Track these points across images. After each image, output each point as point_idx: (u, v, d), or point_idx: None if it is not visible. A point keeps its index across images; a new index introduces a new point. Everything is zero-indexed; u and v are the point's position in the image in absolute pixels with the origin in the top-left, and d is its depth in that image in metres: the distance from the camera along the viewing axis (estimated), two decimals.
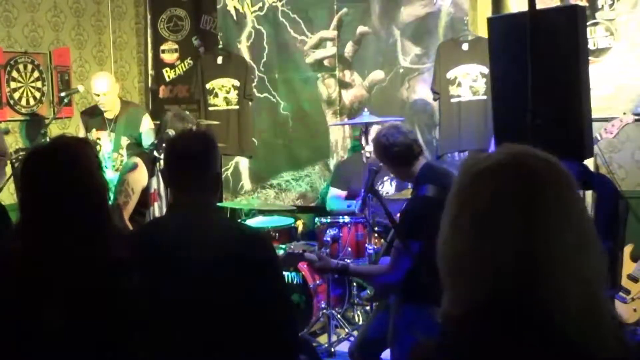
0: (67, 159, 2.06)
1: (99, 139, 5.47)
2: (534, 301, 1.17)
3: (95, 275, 1.93)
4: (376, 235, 4.79)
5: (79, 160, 2.08)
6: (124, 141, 5.44)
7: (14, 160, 5.37)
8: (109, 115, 5.50)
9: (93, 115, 5.59)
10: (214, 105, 6.43)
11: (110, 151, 5.38)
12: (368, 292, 5.14)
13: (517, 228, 1.19)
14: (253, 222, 5.54)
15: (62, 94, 5.81)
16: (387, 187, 5.51)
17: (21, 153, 5.32)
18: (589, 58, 4.04)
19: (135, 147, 5.38)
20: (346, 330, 4.98)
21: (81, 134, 5.60)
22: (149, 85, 7.11)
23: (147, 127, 5.51)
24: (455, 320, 1.23)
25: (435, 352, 1.23)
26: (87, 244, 1.96)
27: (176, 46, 6.99)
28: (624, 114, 4.81)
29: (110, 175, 4.99)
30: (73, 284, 1.91)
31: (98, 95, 5.42)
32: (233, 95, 6.43)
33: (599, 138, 4.67)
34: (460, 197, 1.26)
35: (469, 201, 1.24)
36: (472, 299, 1.21)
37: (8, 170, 5.47)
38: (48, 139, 5.08)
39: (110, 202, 2.25)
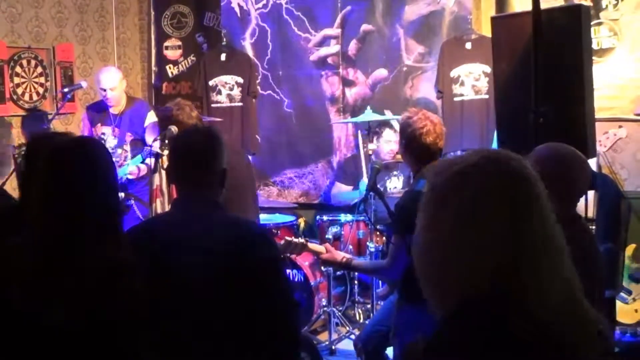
0: (94, 156, 2.05)
1: (103, 133, 5.46)
2: (518, 298, 1.18)
3: (105, 275, 1.93)
4: (378, 233, 4.80)
5: (104, 158, 2.08)
6: (128, 137, 5.44)
7: (16, 155, 5.37)
8: (114, 110, 5.48)
9: (99, 110, 5.58)
10: (217, 102, 6.43)
11: (114, 146, 5.38)
12: (384, 288, 5.14)
13: (499, 226, 1.20)
14: None
15: (65, 90, 5.81)
16: (395, 182, 5.52)
17: (23, 148, 5.32)
18: (593, 58, 4.03)
19: (139, 143, 5.38)
20: (347, 328, 4.98)
21: (86, 128, 5.60)
22: (152, 81, 7.12)
23: (151, 123, 5.49)
24: (441, 322, 1.24)
25: (423, 353, 1.24)
26: (100, 243, 1.95)
27: (179, 43, 6.99)
28: (620, 127, 4.86)
29: None
30: (82, 283, 1.90)
31: (105, 91, 5.39)
32: (236, 92, 6.42)
33: None
34: (436, 201, 1.27)
35: (446, 204, 1.24)
36: (457, 299, 1.22)
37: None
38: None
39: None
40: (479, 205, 1.21)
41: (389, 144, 5.48)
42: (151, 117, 5.53)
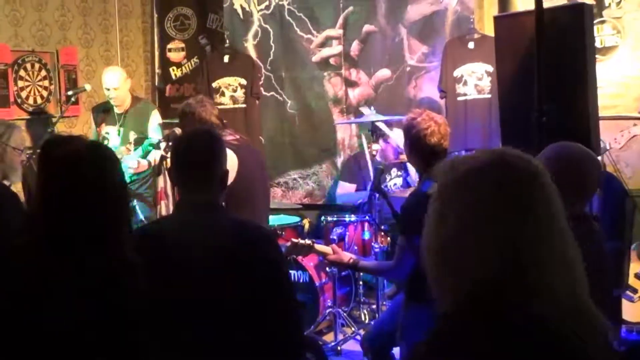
0: (100, 158, 2.05)
1: (107, 133, 5.48)
2: (518, 296, 1.18)
3: (109, 276, 1.93)
4: (382, 233, 4.80)
5: (110, 160, 2.09)
6: (132, 135, 5.45)
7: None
8: (119, 110, 5.50)
9: (104, 111, 5.61)
10: (221, 103, 6.42)
11: (118, 145, 5.38)
12: (390, 288, 5.15)
13: (503, 221, 1.21)
14: None
15: (69, 93, 5.82)
16: (396, 180, 5.52)
17: (28, 152, 5.34)
18: (596, 56, 4.03)
19: (143, 142, 5.39)
20: (352, 328, 4.98)
21: (91, 129, 5.62)
22: (156, 83, 7.13)
23: (155, 123, 5.52)
24: (443, 317, 1.24)
25: (427, 351, 1.24)
26: (106, 244, 1.96)
27: (183, 45, 7.00)
28: (635, 125, 4.86)
29: None
30: (87, 284, 1.91)
31: (109, 90, 5.41)
32: (240, 94, 6.43)
33: (607, 147, 4.74)
34: (447, 192, 1.28)
35: (456, 195, 1.26)
36: (458, 290, 1.23)
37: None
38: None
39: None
40: (485, 204, 1.22)
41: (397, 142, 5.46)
42: (156, 118, 5.55)
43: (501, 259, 1.19)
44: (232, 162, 3.66)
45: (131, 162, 5.19)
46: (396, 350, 3.65)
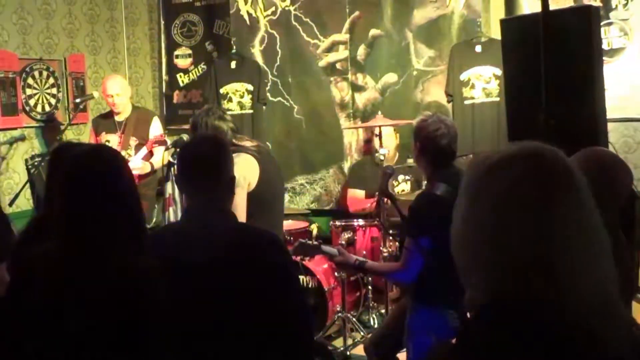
0: (112, 161, 2.07)
1: (107, 141, 5.53)
2: (549, 294, 1.16)
3: (127, 282, 1.94)
4: (391, 237, 4.79)
5: (122, 164, 2.10)
6: (133, 141, 5.51)
7: (30, 167, 5.42)
8: (119, 118, 5.57)
9: (104, 119, 5.70)
10: (228, 109, 6.43)
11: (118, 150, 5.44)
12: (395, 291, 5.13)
13: (535, 216, 1.18)
14: None
15: (77, 100, 5.87)
16: (403, 186, 5.51)
17: (37, 159, 5.37)
18: (603, 58, 4.02)
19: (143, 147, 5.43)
20: (361, 333, 4.97)
21: (92, 138, 5.67)
22: (163, 90, 7.15)
23: (156, 129, 5.58)
24: (473, 316, 1.22)
25: (452, 351, 1.23)
26: (123, 248, 1.97)
27: (190, 51, 7.02)
28: None
29: None
30: (105, 289, 1.91)
31: (111, 97, 5.50)
32: (247, 100, 6.44)
33: None
34: (474, 188, 1.25)
35: (484, 191, 1.23)
36: (491, 289, 1.20)
37: (24, 176, 5.54)
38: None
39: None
40: (512, 198, 1.19)
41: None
42: (157, 124, 5.62)
43: (531, 249, 1.17)
44: (254, 169, 3.66)
45: (136, 163, 5.22)
46: (401, 355, 3.64)
